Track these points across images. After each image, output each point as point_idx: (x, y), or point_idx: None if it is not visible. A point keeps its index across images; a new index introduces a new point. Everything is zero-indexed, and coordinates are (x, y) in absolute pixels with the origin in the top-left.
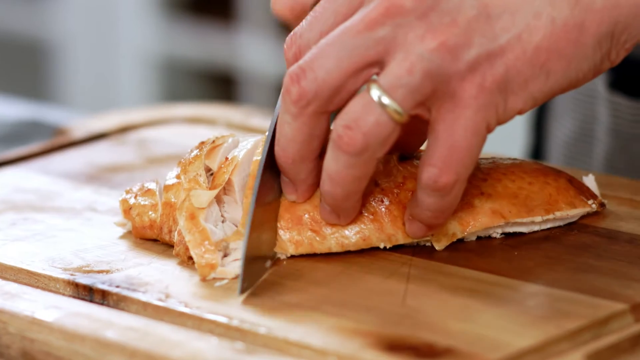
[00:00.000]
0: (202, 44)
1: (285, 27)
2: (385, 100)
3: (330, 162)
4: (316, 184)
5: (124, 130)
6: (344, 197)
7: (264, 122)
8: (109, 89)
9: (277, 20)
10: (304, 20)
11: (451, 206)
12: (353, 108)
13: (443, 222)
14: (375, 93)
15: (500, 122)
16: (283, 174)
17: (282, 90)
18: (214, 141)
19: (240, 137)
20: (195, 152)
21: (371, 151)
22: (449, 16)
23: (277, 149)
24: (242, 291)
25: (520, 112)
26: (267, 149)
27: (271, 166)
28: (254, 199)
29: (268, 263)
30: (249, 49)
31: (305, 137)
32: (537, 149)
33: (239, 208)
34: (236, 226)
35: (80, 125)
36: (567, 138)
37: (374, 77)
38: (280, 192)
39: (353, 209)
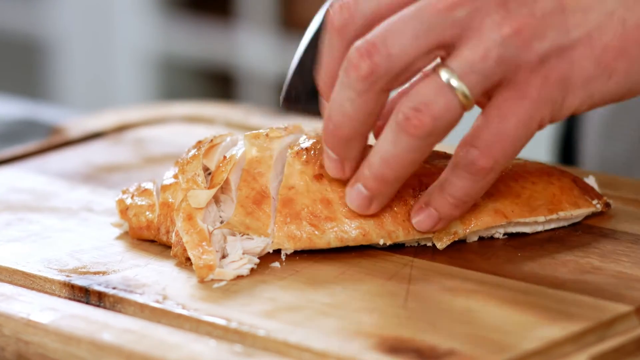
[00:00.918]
0: (200, 41)
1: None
2: (455, 83)
3: (389, 144)
4: (361, 162)
5: (120, 129)
6: (392, 181)
7: (264, 121)
8: (105, 87)
9: (276, 16)
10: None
11: (476, 195)
12: (422, 91)
13: (456, 216)
14: (445, 76)
15: (554, 119)
16: (331, 152)
17: (344, 65)
18: (211, 140)
19: (239, 136)
20: (192, 151)
21: (436, 135)
22: (526, 7)
23: (329, 127)
24: (283, 103)
25: (575, 112)
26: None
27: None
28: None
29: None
30: (248, 46)
31: (366, 115)
32: (570, 127)
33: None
34: (239, 230)
35: (77, 124)
36: (604, 113)
37: (440, 61)
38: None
39: (390, 196)
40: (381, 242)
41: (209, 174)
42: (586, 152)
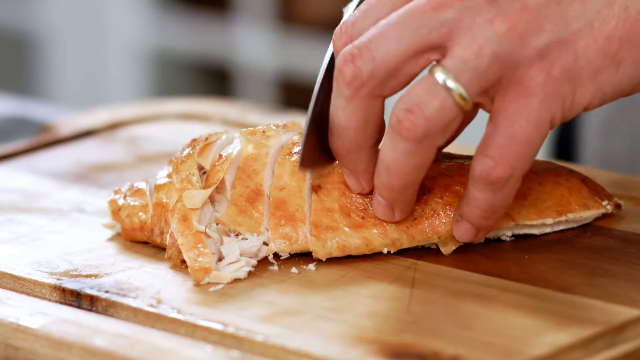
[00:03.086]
0: (196, 35)
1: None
2: (451, 83)
3: (388, 150)
4: None
5: (113, 127)
6: (402, 188)
7: (261, 119)
8: (97, 83)
9: (275, 10)
10: (356, 10)
11: (503, 205)
12: (416, 91)
13: (492, 225)
14: (440, 76)
15: (566, 117)
16: (341, 165)
17: (334, 72)
18: (206, 138)
19: (235, 134)
20: (187, 150)
21: (432, 138)
22: (519, 1)
23: (331, 138)
24: (302, 165)
25: (587, 108)
26: (311, 111)
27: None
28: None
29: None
30: (246, 41)
31: (360, 123)
32: (569, 123)
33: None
34: (230, 228)
35: (68, 121)
36: (605, 109)
37: (436, 62)
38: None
39: (409, 203)
40: (385, 250)
41: (204, 173)
42: (586, 150)
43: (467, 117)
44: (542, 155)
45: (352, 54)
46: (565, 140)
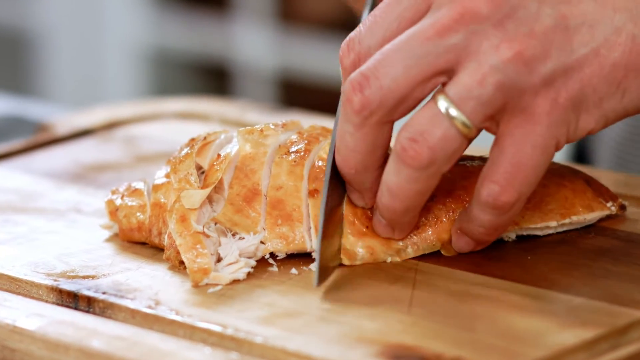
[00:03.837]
0: (194, 34)
1: (283, 15)
2: (454, 112)
3: (392, 175)
4: None
5: (110, 126)
6: (403, 211)
7: (261, 118)
8: (95, 82)
9: (275, 8)
10: (361, 25)
11: (507, 225)
12: (419, 120)
13: (492, 240)
14: (442, 104)
15: (570, 140)
16: (347, 183)
17: (341, 98)
18: (205, 138)
19: (233, 133)
20: (185, 149)
21: (437, 166)
22: (526, 26)
23: (338, 158)
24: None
25: (591, 132)
26: (331, 155)
27: (336, 173)
28: (324, 207)
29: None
30: (245, 40)
31: (368, 148)
32: (583, 149)
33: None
34: (226, 227)
35: (65, 121)
36: (617, 137)
37: (441, 87)
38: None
39: (410, 224)
40: (389, 259)
41: (202, 173)
42: (601, 152)
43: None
44: (557, 155)
45: (360, 83)
46: (581, 141)
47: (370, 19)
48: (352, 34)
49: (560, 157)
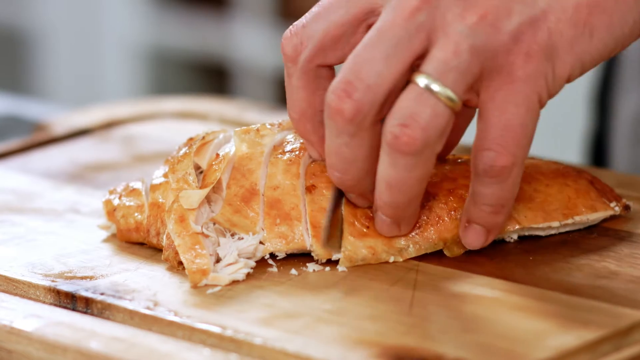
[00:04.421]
0: (193, 33)
1: (282, 14)
2: (437, 87)
3: (388, 168)
4: None
5: (108, 125)
6: (407, 203)
7: (260, 117)
8: (92, 81)
9: (273, 6)
10: (307, 13)
11: (511, 196)
12: (404, 104)
13: (502, 223)
14: (423, 82)
15: (551, 93)
16: (347, 191)
17: (326, 112)
18: (203, 137)
19: (232, 133)
20: (184, 149)
21: (431, 147)
22: None
23: (336, 175)
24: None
25: (569, 79)
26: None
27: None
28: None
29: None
30: (244, 39)
31: (367, 152)
32: (601, 129)
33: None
34: (225, 227)
35: (62, 120)
36: (635, 115)
37: (416, 69)
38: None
39: (414, 216)
40: (391, 259)
41: (201, 172)
42: (617, 154)
43: (464, 118)
44: (574, 157)
45: (345, 90)
46: (598, 146)
47: (317, 8)
48: (297, 21)
49: (577, 158)
